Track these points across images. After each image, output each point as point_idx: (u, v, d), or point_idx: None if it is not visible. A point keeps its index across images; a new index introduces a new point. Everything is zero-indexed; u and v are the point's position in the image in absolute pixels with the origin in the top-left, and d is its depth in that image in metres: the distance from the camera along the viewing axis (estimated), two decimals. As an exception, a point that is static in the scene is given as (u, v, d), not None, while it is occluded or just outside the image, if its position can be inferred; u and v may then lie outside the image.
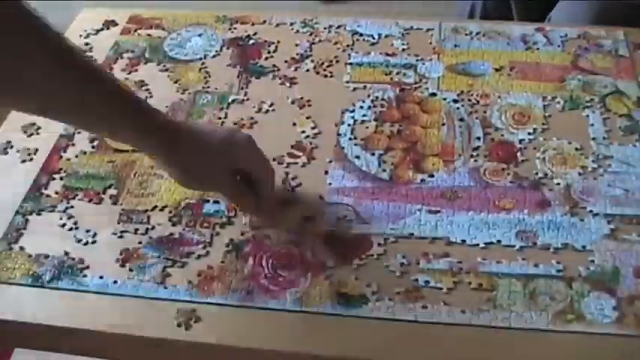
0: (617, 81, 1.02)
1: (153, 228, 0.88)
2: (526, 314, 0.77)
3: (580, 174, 0.90)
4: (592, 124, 0.96)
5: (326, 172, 0.93)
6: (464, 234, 0.85)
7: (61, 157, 0.97)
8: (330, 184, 0.92)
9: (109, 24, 1.19)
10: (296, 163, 0.94)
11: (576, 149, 0.93)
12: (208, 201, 0.90)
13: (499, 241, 0.84)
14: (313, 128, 0.99)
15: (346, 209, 0.89)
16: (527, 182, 0.90)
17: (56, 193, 0.93)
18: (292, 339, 0.78)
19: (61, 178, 0.95)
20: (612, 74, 1.03)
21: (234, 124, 1.00)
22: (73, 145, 0.99)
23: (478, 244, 0.84)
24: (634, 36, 1.09)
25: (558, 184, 0.90)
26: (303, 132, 0.99)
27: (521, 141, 0.95)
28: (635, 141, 0.94)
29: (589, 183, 0.89)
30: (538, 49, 1.08)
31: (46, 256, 0.86)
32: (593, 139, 0.95)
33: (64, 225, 0.89)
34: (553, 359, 0.75)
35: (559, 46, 1.09)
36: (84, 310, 0.81)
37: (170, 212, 0.90)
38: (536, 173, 0.91)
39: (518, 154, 0.93)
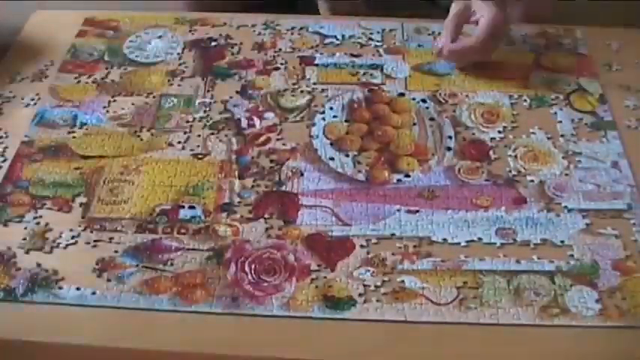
0: (579, 79, 1.05)
1: (128, 236, 0.85)
2: (512, 310, 0.78)
3: (552, 170, 0.92)
4: (560, 121, 0.98)
5: (302, 175, 0.92)
6: (445, 233, 0.85)
7: (24, 165, 0.93)
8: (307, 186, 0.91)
9: (63, 26, 1.15)
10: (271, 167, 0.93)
11: (546, 146, 0.95)
12: (183, 207, 0.88)
13: (480, 239, 0.85)
14: (283, 130, 0.98)
15: (325, 211, 0.88)
16: (502, 180, 0.91)
17: (22, 202, 0.89)
18: (281, 345, 0.77)
19: (27, 187, 0.91)
20: (574, 72, 1.06)
21: (203, 128, 0.98)
22: (36, 152, 0.95)
23: (459, 243, 0.84)
24: (592, 34, 1.12)
25: (532, 180, 0.91)
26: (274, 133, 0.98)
27: (492, 139, 0.96)
28: (601, 137, 0.96)
29: (561, 179, 0.91)
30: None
31: (18, 269, 0.82)
32: (562, 136, 0.96)
33: (33, 235, 0.85)
34: (541, 354, 0.76)
35: (521, 45, 1.11)
36: (61, 323, 0.78)
37: (145, 219, 0.87)
38: (510, 171, 0.92)
39: (491, 152, 0.94)
